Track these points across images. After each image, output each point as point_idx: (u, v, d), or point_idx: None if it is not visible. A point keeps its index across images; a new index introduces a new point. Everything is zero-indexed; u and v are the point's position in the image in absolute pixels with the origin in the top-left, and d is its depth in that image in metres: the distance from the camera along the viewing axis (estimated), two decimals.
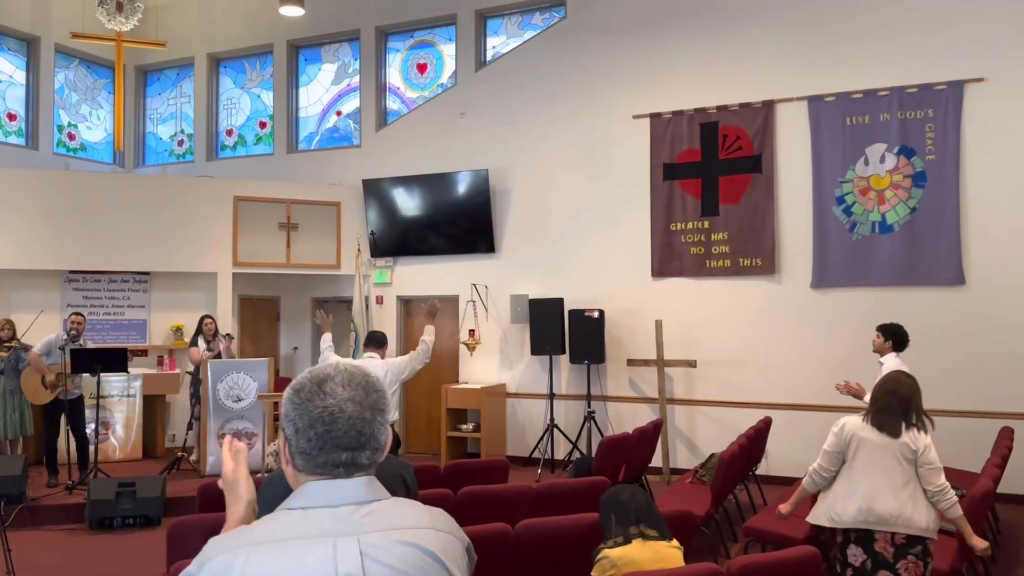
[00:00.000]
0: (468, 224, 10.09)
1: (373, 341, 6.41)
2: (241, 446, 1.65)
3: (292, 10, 10.13)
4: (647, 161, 9.29)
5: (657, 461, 8.45)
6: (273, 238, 10.29)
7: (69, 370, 7.81)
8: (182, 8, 12.43)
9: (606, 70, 9.57)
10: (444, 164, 10.28)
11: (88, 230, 9.56)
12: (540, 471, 8.93)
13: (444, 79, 11.05)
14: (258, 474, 7.83)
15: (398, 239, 10.52)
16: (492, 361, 10.04)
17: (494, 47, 10.72)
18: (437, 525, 1.45)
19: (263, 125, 12.22)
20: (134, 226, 9.71)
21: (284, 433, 1.43)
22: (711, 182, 8.98)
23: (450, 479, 5.71)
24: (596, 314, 9.13)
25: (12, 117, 11.52)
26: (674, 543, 3.34)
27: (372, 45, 11.30)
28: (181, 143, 12.78)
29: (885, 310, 7.67)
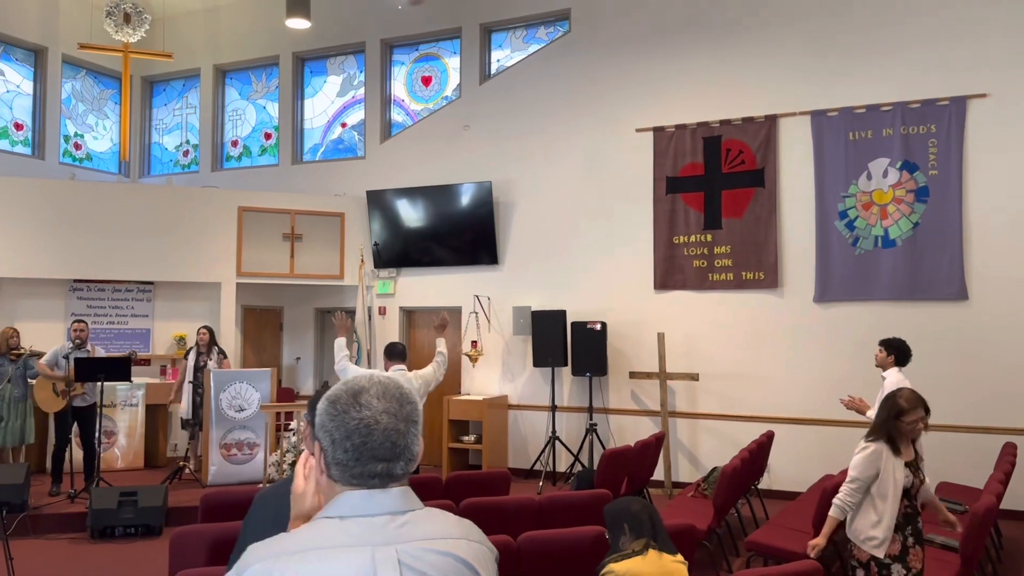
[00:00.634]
0: (471, 236, 10.12)
1: (396, 354, 6.35)
2: (311, 460, 1.68)
3: (298, 23, 10.20)
4: (650, 174, 9.32)
5: (659, 474, 8.44)
6: (277, 248, 10.33)
7: (72, 378, 7.84)
8: (189, 20, 12.52)
9: (610, 83, 9.62)
10: (448, 176, 10.32)
11: (93, 239, 9.60)
12: (542, 483, 8.92)
13: (448, 92, 11.11)
14: (259, 484, 7.84)
15: (401, 250, 10.55)
16: (494, 373, 10.04)
17: (498, 60, 10.78)
18: (470, 535, 1.49)
19: (268, 136, 12.28)
20: (139, 236, 9.76)
21: (319, 444, 1.46)
22: (714, 196, 9.01)
23: (452, 491, 5.72)
24: (598, 326, 9.14)
25: (19, 127, 11.58)
26: (679, 557, 3.32)
27: (377, 58, 11.37)
28: (186, 153, 12.85)
29: (888, 324, 7.69)
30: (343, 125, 11.78)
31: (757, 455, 7.06)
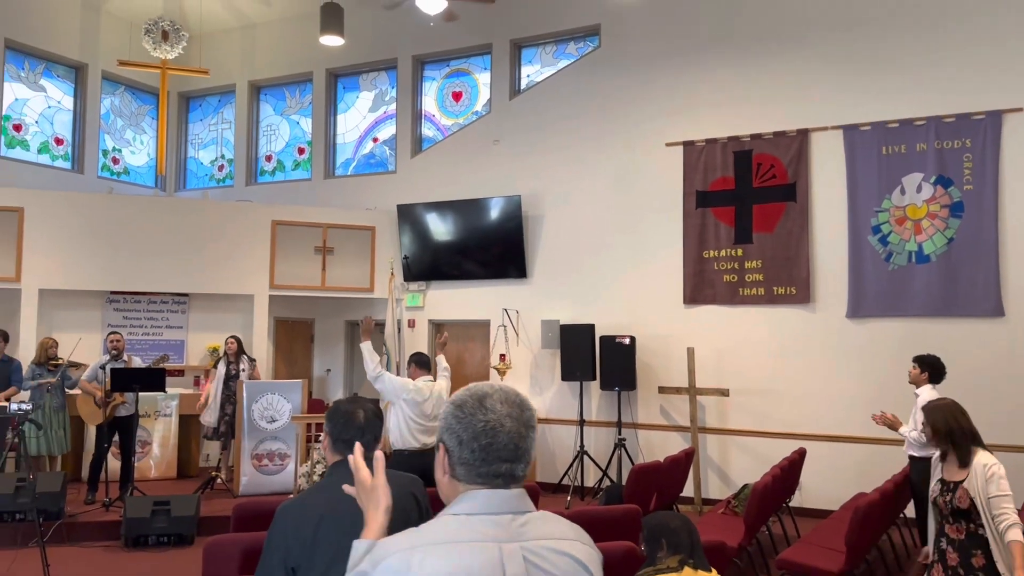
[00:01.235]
0: (500, 249, 10.16)
1: (424, 364, 6.47)
2: (379, 455, 1.72)
3: (332, 40, 10.35)
4: (680, 188, 9.30)
5: (688, 491, 8.37)
6: (309, 261, 10.46)
7: (108, 388, 7.98)
8: (225, 37, 12.76)
9: (639, 98, 9.64)
10: (477, 190, 10.39)
11: (130, 252, 9.79)
12: (570, 498, 8.89)
13: (479, 107, 11.20)
14: (289, 495, 7.91)
15: (431, 263, 10.62)
16: (522, 386, 10.04)
17: (528, 75, 10.85)
18: (582, 538, 1.56)
19: (301, 151, 12.45)
20: (174, 248, 9.93)
21: (445, 445, 1.53)
22: (745, 210, 8.97)
23: None
24: (627, 340, 9.11)
25: (59, 142, 11.87)
26: (713, 573, 3.29)
27: (409, 74, 11.50)
28: (221, 168, 13.06)
29: (921, 341, 7.58)
30: (375, 140, 11.91)
31: (789, 472, 6.99)
